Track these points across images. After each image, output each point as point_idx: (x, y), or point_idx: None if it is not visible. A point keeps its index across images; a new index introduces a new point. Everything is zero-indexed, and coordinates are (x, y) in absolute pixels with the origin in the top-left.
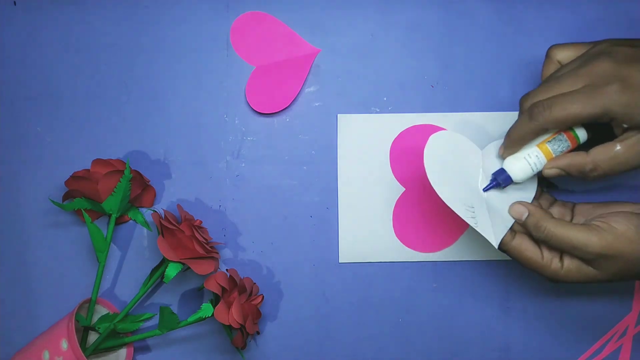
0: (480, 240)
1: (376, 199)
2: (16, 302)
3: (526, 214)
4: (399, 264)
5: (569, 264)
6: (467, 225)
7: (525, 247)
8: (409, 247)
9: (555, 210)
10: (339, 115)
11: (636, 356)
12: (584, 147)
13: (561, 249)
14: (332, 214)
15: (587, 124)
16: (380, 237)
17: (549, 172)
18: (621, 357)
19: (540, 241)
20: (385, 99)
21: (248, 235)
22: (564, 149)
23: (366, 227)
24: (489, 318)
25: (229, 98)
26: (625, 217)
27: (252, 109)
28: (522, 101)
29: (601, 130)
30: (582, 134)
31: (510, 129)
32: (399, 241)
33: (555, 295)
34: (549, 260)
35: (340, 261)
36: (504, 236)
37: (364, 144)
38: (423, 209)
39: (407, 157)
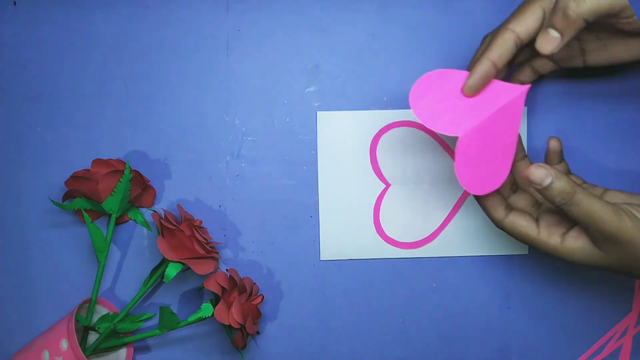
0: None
1: (359, 197)
2: (16, 302)
3: (550, 179)
4: (399, 264)
5: (573, 243)
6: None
7: (519, 222)
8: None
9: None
10: (318, 112)
11: (636, 356)
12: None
13: (579, 219)
14: None
15: None
16: (367, 235)
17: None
18: (621, 357)
19: (560, 207)
20: (385, 99)
21: (248, 235)
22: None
23: (348, 226)
24: (489, 318)
25: (229, 98)
26: None
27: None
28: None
29: None
30: None
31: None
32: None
33: (555, 295)
34: (547, 235)
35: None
36: (497, 213)
37: (344, 140)
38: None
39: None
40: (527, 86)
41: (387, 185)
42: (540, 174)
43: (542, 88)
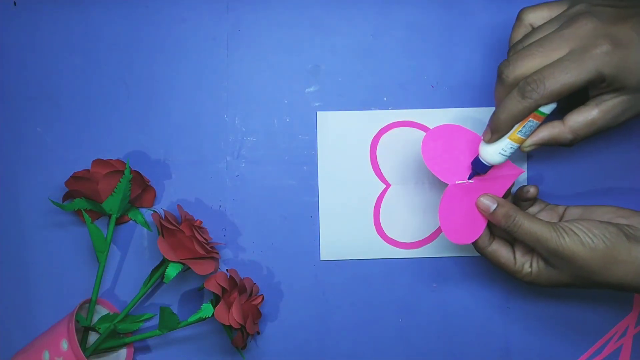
0: None
1: (359, 197)
2: (16, 302)
3: (494, 206)
4: (399, 264)
5: (536, 267)
6: None
7: (500, 253)
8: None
9: (543, 215)
10: (318, 112)
11: (636, 356)
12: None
13: (524, 240)
14: None
15: None
16: (367, 235)
17: (528, 149)
18: (621, 357)
19: (507, 231)
20: (385, 99)
21: (248, 235)
22: (533, 129)
23: (348, 226)
24: (489, 318)
25: (229, 98)
26: (595, 225)
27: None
28: (501, 69)
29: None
30: (548, 108)
31: (497, 110)
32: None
33: (555, 295)
34: (521, 265)
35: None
36: (481, 239)
37: (344, 140)
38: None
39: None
40: (522, 170)
41: (387, 185)
42: (486, 202)
43: None
